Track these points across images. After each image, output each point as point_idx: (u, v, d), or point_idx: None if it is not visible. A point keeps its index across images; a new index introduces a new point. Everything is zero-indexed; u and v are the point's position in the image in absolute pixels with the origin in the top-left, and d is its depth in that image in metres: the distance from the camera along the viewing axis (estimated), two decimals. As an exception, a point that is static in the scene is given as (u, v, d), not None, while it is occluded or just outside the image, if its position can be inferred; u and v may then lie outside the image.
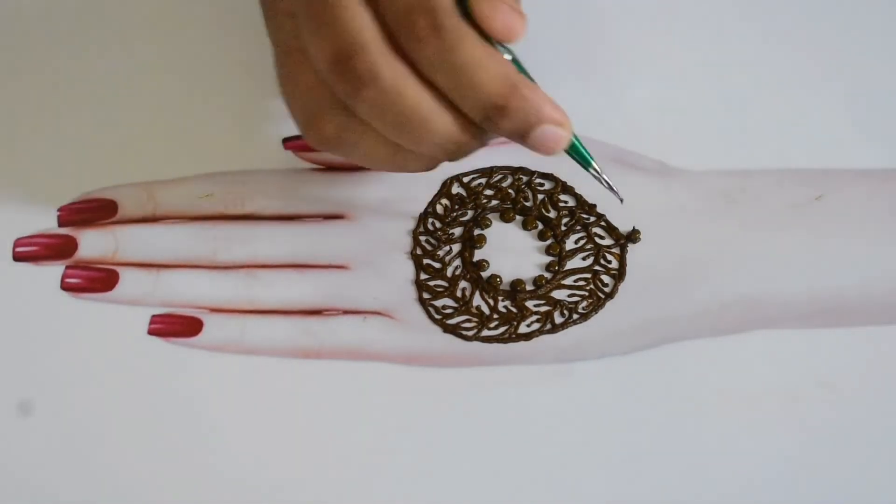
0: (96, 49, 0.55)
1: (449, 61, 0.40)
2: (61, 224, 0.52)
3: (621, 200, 0.48)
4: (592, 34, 0.57)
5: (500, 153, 0.53)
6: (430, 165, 0.45)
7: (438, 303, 0.50)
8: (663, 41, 0.57)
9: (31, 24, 0.57)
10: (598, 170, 0.46)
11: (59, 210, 0.52)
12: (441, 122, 0.42)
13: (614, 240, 0.52)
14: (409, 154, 0.44)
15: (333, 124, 0.43)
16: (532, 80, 0.42)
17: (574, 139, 0.44)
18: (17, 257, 0.51)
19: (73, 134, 0.50)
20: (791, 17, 0.57)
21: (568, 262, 0.51)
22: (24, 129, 0.53)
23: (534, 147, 0.43)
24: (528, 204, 0.52)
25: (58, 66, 0.55)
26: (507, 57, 0.42)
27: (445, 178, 0.53)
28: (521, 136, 0.42)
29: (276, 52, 0.45)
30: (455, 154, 0.44)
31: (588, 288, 0.51)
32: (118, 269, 0.51)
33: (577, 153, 0.45)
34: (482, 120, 0.41)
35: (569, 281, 0.51)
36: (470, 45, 0.40)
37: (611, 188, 0.47)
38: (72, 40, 0.56)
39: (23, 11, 0.57)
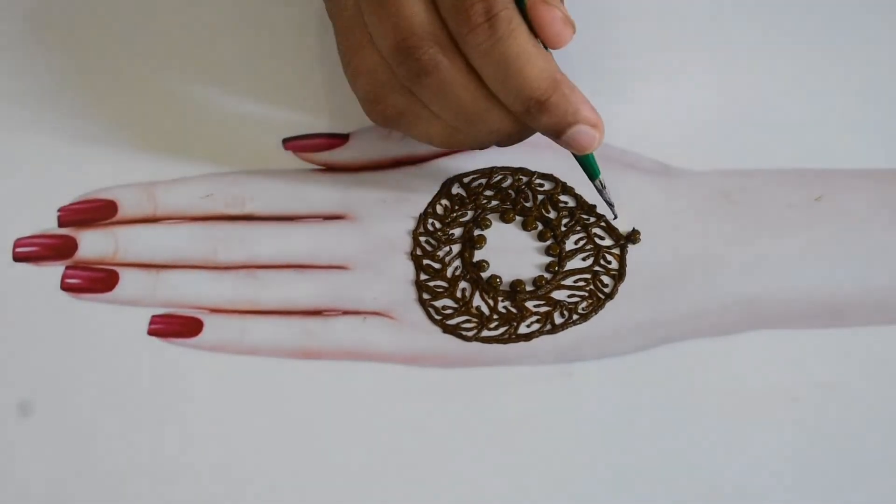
0: (96, 49, 0.55)
1: (498, 50, 0.43)
2: (61, 224, 0.52)
3: (615, 217, 0.51)
4: (593, 34, 0.57)
5: (500, 153, 0.53)
6: (483, 146, 0.49)
7: (438, 303, 0.50)
8: (663, 41, 0.57)
9: (30, 24, 0.57)
10: (602, 184, 0.50)
11: (59, 210, 0.52)
12: (494, 113, 0.45)
13: (614, 240, 0.52)
14: (463, 136, 0.47)
15: (395, 104, 0.47)
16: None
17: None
18: (18, 257, 0.51)
19: (73, 134, 0.50)
20: (791, 17, 0.57)
21: (568, 263, 0.51)
22: (24, 129, 0.53)
23: (566, 145, 0.46)
24: (528, 204, 0.52)
25: (58, 66, 0.55)
26: None
27: (445, 178, 0.53)
28: (557, 132, 0.45)
29: (337, 30, 0.47)
30: (506, 141, 0.48)
31: (588, 288, 0.50)
32: (118, 269, 0.51)
33: (588, 162, 0.49)
34: (522, 112, 0.44)
35: (569, 281, 0.51)
36: (521, 38, 0.43)
37: (609, 203, 0.50)
38: (72, 40, 0.56)
39: (23, 11, 0.57)
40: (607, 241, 0.52)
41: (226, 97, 0.54)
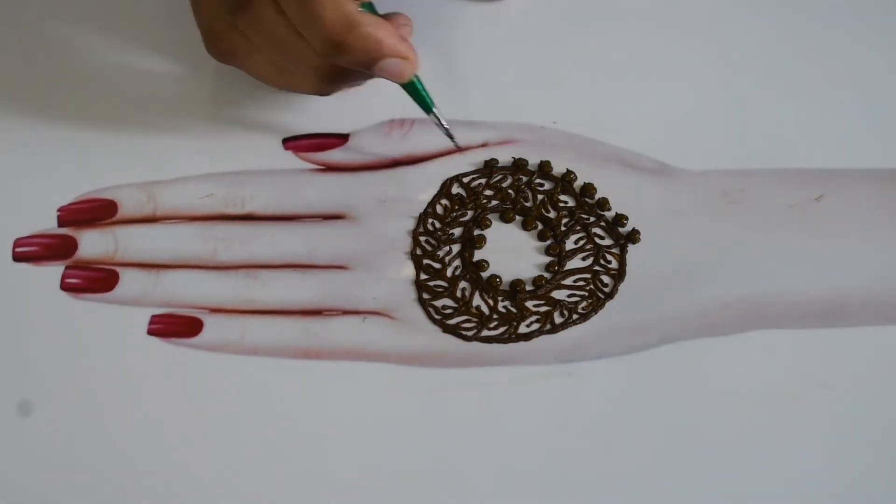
0: (97, 49, 0.55)
1: None
2: (61, 224, 0.52)
3: (458, 146, 0.52)
4: (593, 34, 0.57)
5: (500, 153, 0.53)
6: (319, 89, 0.50)
7: (438, 303, 0.50)
8: (664, 41, 0.57)
9: (31, 24, 0.57)
10: (438, 116, 0.51)
11: (58, 210, 0.52)
12: (307, 49, 0.47)
13: (614, 240, 0.52)
14: (290, 75, 0.49)
15: (228, 40, 0.49)
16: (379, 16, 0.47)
17: (416, 80, 0.49)
18: (17, 257, 0.51)
19: (73, 134, 0.50)
20: (791, 17, 0.57)
21: (568, 263, 0.51)
22: (24, 129, 0.53)
23: (380, 76, 0.48)
24: (527, 204, 0.52)
25: (58, 66, 0.55)
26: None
27: (445, 178, 0.53)
28: (367, 67, 0.47)
29: None
30: (331, 81, 0.49)
31: (588, 288, 0.51)
32: (118, 269, 0.51)
33: (416, 94, 0.50)
34: (324, 53, 0.46)
35: (568, 281, 0.51)
36: None
37: (449, 135, 0.51)
38: (72, 40, 0.56)
39: (23, 11, 0.57)
40: (607, 241, 0.52)
41: (226, 97, 0.54)
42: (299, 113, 0.54)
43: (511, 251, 0.51)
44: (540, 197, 0.52)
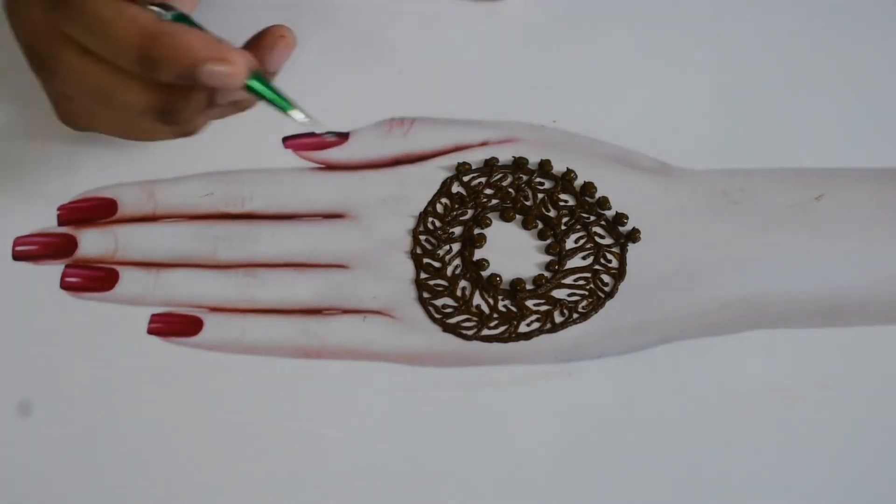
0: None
1: (84, 23, 0.42)
2: (61, 223, 0.51)
3: (331, 135, 0.51)
4: (594, 34, 0.57)
5: (500, 151, 0.53)
6: (173, 128, 0.46)
7: (438, 302, 0.50)
8: (664, 41, 0.57)
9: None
10: (301, 112, 0.44)
11: (58, 209, 0.52)
12: (126, 87, 0.43)
13: (614, 239, 0.52)
14: (136, 122, 0.46)
15: (67, 109, 0.47)
16: (197, 27, 0.43)
17: (256, 80, 0.43)
18: (17, 256, 0.51)
19: (73, 133, 0.50)
20: (791, 17, 0.57)
21: (568, 262, 0.51)
22: (24, 128, 0.53)
23: (213, 85, 0.42)
24: (528, 203, 0.52)
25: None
26: (166, 16, 0.43)
27: (445, 177, 0.53)
28: (191, 80, 0.42)
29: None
30: (168, 114, 0.44)
31: (588, 287, 0.51)
32: (118, 268, 0.50)
33: (268, 99, 0.44)
34: (141, 71, 0.42)
35: (569, 280, 0.51)
36: (100, 5, 0.42)
37: (312, 119, 0.45)
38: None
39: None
40: (607, 240, 0.52)
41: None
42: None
43: (511, 250, 0.51)
44: (540, 196, 0.52)
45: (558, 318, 0.50)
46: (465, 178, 0.53)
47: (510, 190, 0.53)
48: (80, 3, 0.42)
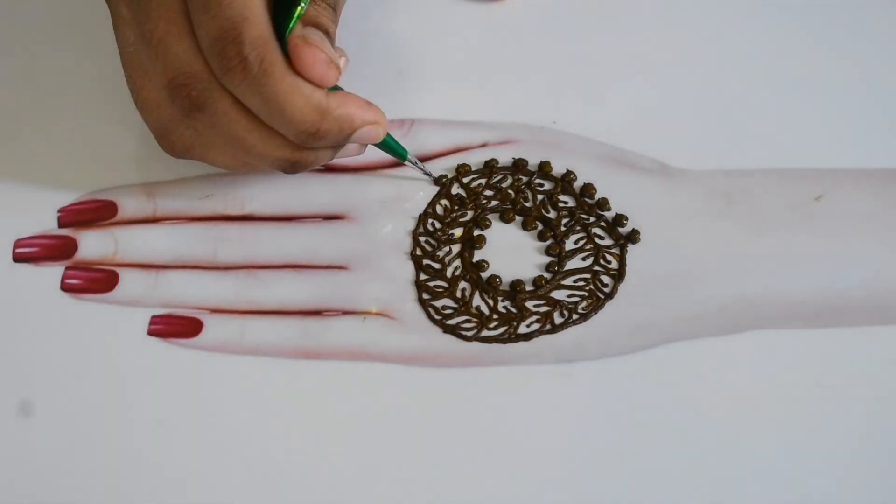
0: (97, 49, 0.55)
1: (258, 93, 0.44)
2: (61, 225, 0.52)
3: (433, 178, 0.52)
4: (593, 34, 0.57)
5: (500, 153, 0.53)
6: (286, 171, 0.48)
7: (438, 303, 0.50)
8: (664, 41, 0.57)
9: (30, 24, 0.57)
10: (413, 159, 0.51)
11: (59, 211, 0.52)
12: (269, 146, 0.46)
13: (614, 240, 0.52)
14: (256, 163, 0.48)
15: (182, 138, 0.47)
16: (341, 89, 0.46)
17: (388, 136, 0.49)
18: (18, 258, 0.51)
19: (73, 134, 0.50)
20: (791, 17, 0.57)
21: (568, 263, 0.51)
22: (24, 129, 0.54)
23: (359, 143, 0.48)
24: (527, 204, 0.52)
25: (58, 66, 0.55)
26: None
27: (445, 178, 0.53)
28: (342, 145, 0.47)
29: (123, 64, 0.47)
30: (297, 167, 0.48)
31: (588, 288, 0.50)
32: (118, 269, 0.51)
33: (389, 148, 0.50)
34: (301, 143, 0.45)
35: (568, 281, 0.51)
36: (277, 79, 0.44)
37: (426, 173, 0.52)
38: (72, 40, 0.56)
39: (23, 11, 0.57)
40: (607, 241, 0.52)
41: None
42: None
43: (511, 251, 0.51)
44: (540, 197, 0.52)
45: (558, 319, 0.50)
46: (465, 180, 0.53)
47: (510, 191, 0.53)
48: (258, 73, 0.43)
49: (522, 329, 0.50)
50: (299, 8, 0.45)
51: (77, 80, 0.55)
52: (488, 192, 0.53)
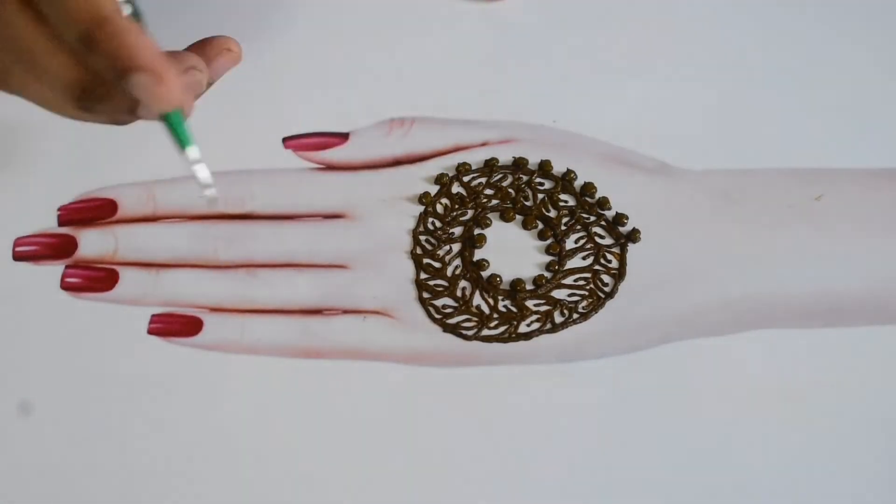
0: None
1: None
2: (61, 223, 0.52)
3: (211, 198, 0.43)
4: (593, 34, 0.57)
5: (500, 152, 0.53)
6: (74, 105, 0.42)
7: (438, 302, 0.50)
8: (664, 41, 0.57)
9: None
10: (194, 159, 0.42)
11: (59, 209, 0.52)
12: (55, 53, 0.40)
13: (614, 239, 0.52)
14: (44, 86, 0.42)
15: None
16: (148, 34, 0.40)
17: (175, 115, 0.40)
18: (17, 257, 0.51)
19: (73, 134, 0.50)
20: (791, 18, 0.57)
21: (568, 262, 0.51)
22: (24, 129, 0.53)
23: (137, 96, 0.39)
24: (528, 203, 0.52)
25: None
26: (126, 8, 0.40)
27: (446, 177, 0.53)
28: (119, 77, 0.39)
29: None
30: (88, 97, 0.41)
31: (588, 287, 0.51)
32: (118, 268, 0.51)
33: (172, 127, 0.41)
34: (76, 42, 0.39)
35: (569, 280, 0.51)
36: None
37: (202, 183, 0.42)
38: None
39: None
40: (607, 240, 0.52)
41: (226, 97, 0.54)
42: (300, 111, 0.54)
43: (511, 250, 0.51)
44: (540, 196, 0.53)
45: (558, 319, 0.50)
46: (466, 179, 0.53)
47: (510, 190, 0.53)
48: None
49: (523, 328, 0.50)
50: None
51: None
52: (489, 191, 0.53)
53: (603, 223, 0.52)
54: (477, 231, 0.52)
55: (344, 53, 0.56)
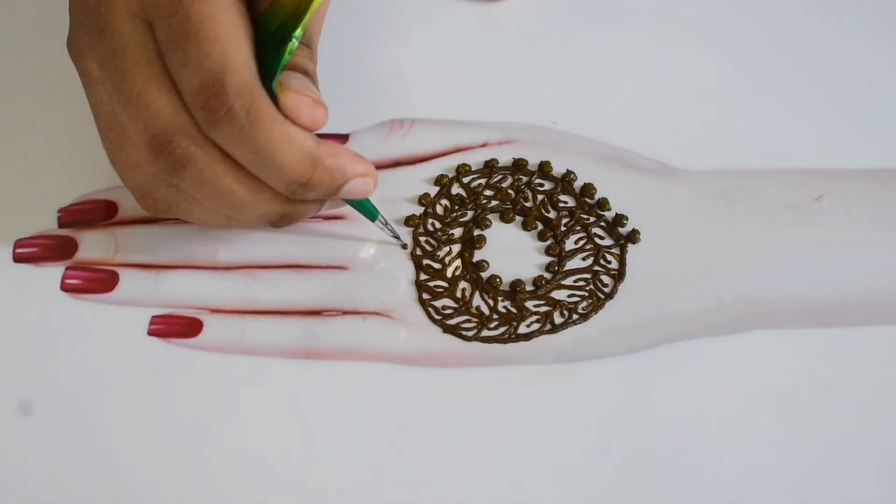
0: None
1: (247, 143, 0.42)
2: (61, 225, 0.52)
3: (404, 246, 0.51)
4: (593, 34, 0.57)
5: (500, 153, 0.53)
6: (274, 224, 0.48)
7: (438, 303, 0.50)
8: (664, 41, 0.57)
9: (30, 24, 0.57)
10: (384, 220, 0.50)
11: (59, 211, 0.52)
12: (258, 199, 0.45)
13: (614, 240, 0.52)
14: (240, 220, 0.47)
15: (164, 197, 0.46)
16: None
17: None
18: (18, 258, 0.51)
19: (73, 134, 0.50)
20: (791, 17, 0.57)
21: (568, 263, 0.51)
22: (24, 129, 0.54)
23: (345, 198, 0.47)
24: (527, 204, 0.52)
25: (58, 66, 0.55)
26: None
27: (445, 178, 0.53)
28: (332, 196, 0.46)
29: (98, 125, 0.46)
30: (283, 221, 0.47)
31: (588, 288, 0.50)
32: (118, 269, 0.51)
33: (363, 207, 0.49)
34: (290, 194, 0.44)
35: (569, 281, 0.51)
36: (266, 127, 0.42)
37: (395, 237, 0.50)
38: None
39: (23, 11, 0.57)
40: (607, 241, 0.52)
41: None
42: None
43: (511, 251, 0.51)
44: (540, 197, 0.53)
45: (558, 319, 0.50)
46: (465, 180, 0.53)
47: (510, 191, 0.53)
48: (245, 123, 0.42)
49: (522, 329, 0.50)
50: (288, 47, 0.43)
51: (77, 79, 0.54)
52: (488, 192, 0.53)
53: (603, 224, 0.52)
54: (477, 232, 0.52)
55: (344, 53, 0.56)
